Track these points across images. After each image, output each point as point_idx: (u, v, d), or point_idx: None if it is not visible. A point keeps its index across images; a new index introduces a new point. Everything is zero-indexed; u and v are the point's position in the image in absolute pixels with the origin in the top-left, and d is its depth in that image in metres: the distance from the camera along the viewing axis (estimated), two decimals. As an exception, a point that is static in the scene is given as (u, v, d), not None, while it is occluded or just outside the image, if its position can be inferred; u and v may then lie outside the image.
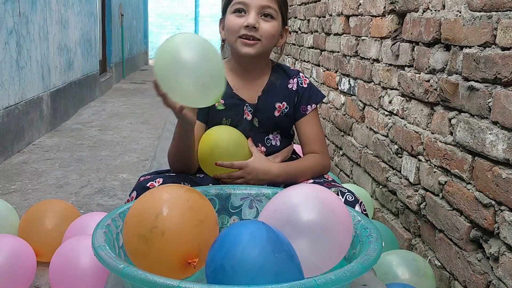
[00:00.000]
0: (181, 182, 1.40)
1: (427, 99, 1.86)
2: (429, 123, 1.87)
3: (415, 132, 1.97)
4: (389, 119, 2.24)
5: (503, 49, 1.41)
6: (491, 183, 1.46)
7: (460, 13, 1.65)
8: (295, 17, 4.18)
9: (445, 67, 1.75)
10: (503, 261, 1.41)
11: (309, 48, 3.72)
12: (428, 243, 1.88)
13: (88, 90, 5.98)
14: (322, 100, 1.62)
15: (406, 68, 2.07)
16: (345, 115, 2.90)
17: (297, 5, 4.10)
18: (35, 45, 4.15)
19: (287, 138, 1.61)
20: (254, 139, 1.53)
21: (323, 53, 3.37)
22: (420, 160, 1.93)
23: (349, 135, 2.83)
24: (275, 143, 1.57)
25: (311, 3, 3.67)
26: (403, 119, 2.10)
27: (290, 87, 1.57)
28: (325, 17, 3.29)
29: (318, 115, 1.60)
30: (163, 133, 2.87)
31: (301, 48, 3.98)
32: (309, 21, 3.73)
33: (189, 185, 1.39)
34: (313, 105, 1.57)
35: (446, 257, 1.73)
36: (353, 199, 1.37)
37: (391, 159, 2.21)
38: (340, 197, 1.36)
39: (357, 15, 2.67)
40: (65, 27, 5.08)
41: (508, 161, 1.39)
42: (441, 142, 1.77)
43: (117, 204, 2.74)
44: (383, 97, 2.31)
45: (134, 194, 1.40)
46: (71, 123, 4.90)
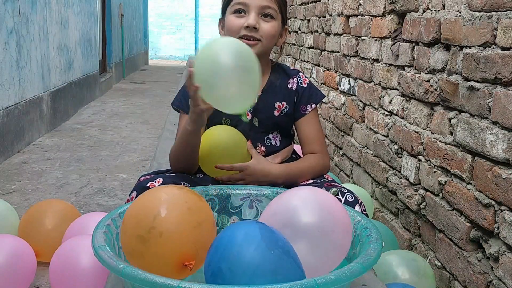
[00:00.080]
0: (181, 182, 1.40)
1: (427, 99, 1.86)
2: (429, 123, 1.87)
3: (415, 132, 1.97)
4: (389, 119, 2.24)
5: (503, 49, 1.41)
6: (491, 183, 1.46)
7: (460, 13, 1.65)
8: (295, 17, 4.18)
9: (445, 67, 1.75)
10: (503, 261, 1.41)
11: (309, 48, 3.72)
12: (428, 243, 1.88)
13: (88, 90, 5.98)
14: (322, 99, 1.62)
15: (406, 68, 2.07)
16: (345, 115, 2.90)
17: (297, 5, 4.10)
18: (35, 45, 4.15)
19: (287, 138, 1.61)
20: (253, 139, 1.53)
21: (323, 53, 3.37)
22: (420, 160, 1.93)
23: (349, 135, 2.83)
24: (275, 143, 1.57)
25: (311, 3, 3.67)
26: (403, 119, 2.10)
27: (290, 86, 1.57)
28: (325, 17, 3.29)
29: (318, 115, 1.60)
30: (163, 133, 2.87)
31: (301, 48, 3.98)
32: (309, 21, 3.73)
33: (189, 185, 1.39)
34: (313, 105, 1.57)
35: (446, 257, 1.73)
36: (353, 199, 1.37)
37: (391, 159, 2.21)
38: (340, 197, 1.36)
39: (357, 15, 2.67)
40: (65, 27, 5.08)
41: (508, 161, 1.39)
42: (441, 142, 1.77)
43: (117, 204, 2.74)
44: (383, 97, 2.31)
45: (134, 194, 1.40)
46: (71, 123, 4.90)
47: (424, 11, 1.91)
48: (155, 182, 1.39)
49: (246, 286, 0.84)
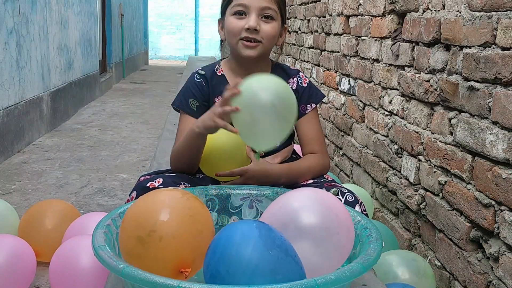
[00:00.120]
0: (181, 182, 1.40)
1: (427, 99, 1.86)
2: (429, 123, 1.87)
3: (415, 132, 1.97)
4: (389, 119, 2.24)
5: (503, 49, 1.41)
6: (491, 183, 1.46)
7: (460, 13, 1.65)
8: (295, 17, 4.18)
9: (445, 67, 1.75)
10: (503, 261, 1.41)
11: (309, 48, 3.72)
12: (428, 243, 1.88)
13: (88, 90, 5.98)
14: (322, 99, 1.62)
15: (406, 68, 2.07)
16: (345, 115, 2.90)
17: (297, 5, 4.10)
18: (35, 45, 4.15)
19: (288, 138, 1.61)
20: (254, 139, 1.53)
21: (323, 53, 3.37)
22: (420, 160, 1.93)
23: (349, 135, 2.83)
24: (275, 143, 1.57)
25: (311, 3, 3.67)
26: (403, 119, 2.10)
27: (290, 86, 1.57)
28: (325, 17, 3.29)
29: (317, 114, 1.60)
30: (163, 133, 2.87)
31: (301, 48, 3.98)
32: (309, 21, 3.73)
33: (189, 185, 1.39)
34: (313, 105, 1.57)
35: (446, 257, 1.73)
36: (353, 199, 1.37)
37: (391, 159, 2.21)
38: (340, 197, 1.36)
39: (357, 15, 2.67)
40: (65, 27, 5.08)
41: (508, 161, 1.39)
42: (441, 142, 1.77)
43: (117, 204, 2.74)
44: (383, 97, 2.31)
45: (134, 194, 1.40)
46: (71, 123, 4.90)
47: (424, 11, 1.91)
48: (155, 182, 1.39)
49: (246, 286, 0.84)
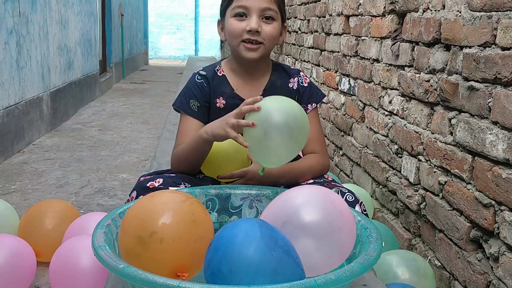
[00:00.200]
0: (182, 182, 1.40)
1: (427, 99, 1.86)
2: (429, 123, 1.87)
3: (415, 132, 1.97)
4: (389, 119, 2.24)
5: (503, 49, 1.41)
6: (491, 183, 1.46)
7: (460, 13, 1.65)
8: (295, 17, 4.18)
9: (445, 67, 1.75)
10: (503, 261, 1.41)
11: (309, 48, 3.72)
12: (428, 243, 1.88)
13: (88, 90, 5.98)
14: (322, 99, 1.62)
15: (406, 68, 2.07)
16: (345, 115, 2.90)
17: (297, 5, 4.10)
18: (35, 45, 4.15)
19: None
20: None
21: (323, 53, 3.37)
22: (420, 160, 1.93)
23: (349, 135, 2.83)
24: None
25: (311, 3, 3.67)
26: (403, 119, 2.10)
27: (291, 86, 1.57)
28: (325, 17, 3.29)
29: (318, 114, 1.60)
30: (163, 133, 2.87)
31: (301, 48, 3.98)
32: (309, 21, 3.73)
33: (189, 185, 1.39)
34: (314, 104, 1.57)
35: (446, 257, 1.73)
36: (353, 199, 1.37)
37: (391, 159, 2.21)
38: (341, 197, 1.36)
39: (357, 15, 2.67)
40: (65, 27, 5.08)
41: (508, 161, 1.39)
42: (441, 142, 1.77)
43: (117, 204, 2.74)
44: (383, 97, 2.31)
45: (134, 194, 1.40)
46: (71, 123, 4.90)
47: (424, 11, 1.91)
48: (155, 182, 1.39)
49: (246, 286, 0.84)
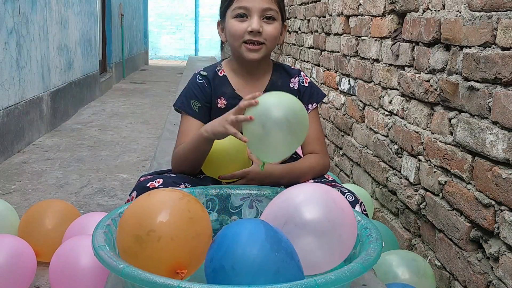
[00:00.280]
0: (182, 182, 1.40)
1: (427, 99, 1.86)
2: (429, 123, 1.87)
3: (415, 132, 1.97)
4: (389, 119, 2.24)
5: (503, 49, 1.41)
6: (491, 183, 1.46)
7: (460, 13, 1.65)
8: (295, 17, 4.18)
9: (445, 67, 1.75)
10: (503, 261, 1.41)
11: (309, 48, 3.72)
12: (428, 243, 1.88)
13: (88, 90, 5.98)
14: (323, 99, 1.62)
15: (406, 68, 2.07)
16: (345, 115, 2.90)
17: (297, 5, 4.10)
18: (35, 45, 4.15)
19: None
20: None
21: (323, 53, 3.37)
22: (420, 160, 1.93)
23: (349, 135, 2.83)
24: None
25: (311, 3, 3.67)
26: (403, 119, 2.10)
27: (291, 86, 1.57)
28: (325, 17, 3.29)
29: (318, 114, 1.60)
30: (163, 133, 2.87)
31: (301, 48, 3.98)
32: (309, 21, 3.73)
33: (189, 186, 1.39)
34: (314, 104, 1.57)
35: (446, 257, 1.73)
36: (353, 199, 1.37)
37: (391, 159, 2.21)
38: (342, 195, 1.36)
39: (357, 15, 2.67)
40: (65, 27, 5.08)
41: (508, 161, 1.39)
42: (441, 142, 1.77)
43: (117, 204, 2.74)
44: (383, 97, 2.31)
45: (134, 194, 1.40)
46: (71, 123, 4.90)
47: (424, 11, 1.91)
48: (155, 182, 1.39)
49: (246, 286, 0.84)
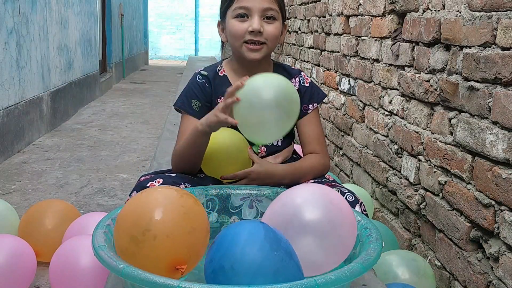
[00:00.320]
0: (182, 182, 1.40)
1: (427, 99, 1.86)
2: (429, 123, 1.87)
3: (415, 132, 1.97)
4: (389, 119, 2.24)
5: (503, 49, 1.41)
6: (491, 183, 1.46)
7: (460, 13, 1.65)
8: (295, 17, 4.18)
9: (445, 67, 1.75)
10: (503, 261, 1.41)
11: (309, 48, 3.72)
12: (428, 243, 1.88)
13: (88, 90, 5.98)
14: (323, 99, 1.62)
15: (406, 68, 2.07)
16: (345, 115, 2.90)
17: (297, 5, 4.10)
18: (35, 45, 4.15)
19: (289, 138, 1.61)
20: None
21: (323, 53, 3.37)
22: (420, 160, 1.93)
23: (349, 135, 2.83)
24: (277, 143, 1.57)
25: (311, 3, 3.67)
26: (403, 119, 2.10)
27: None
28: (325, 17, 3.29)
29: (319, 114, 1.60)
30: (163, 133, 2.87)
31: (301, 48, 3.98)
32: (309, 21, 3.73)
33: (190, 185, 1.39)
34: (315, 104, 1.57)
35: (446, 257, 1.73)
36: (353, 199, 1.37)
37: (391, 159, 2.21)
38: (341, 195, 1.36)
39: (357, 15, 2.67)
40: (65, 27, 5.08)
41: (508, 161, 1.39)
42: (441, 142, 1.77)
43: (117, 204, 2.74)
44: (383, 97, 2.31)
45: (134, 194, 1.40)
46: (71, 123, 4.90)
47: (424, 11, 1.91)
48: (155, 182, 1.39)
49: (246, 286, 0.84)
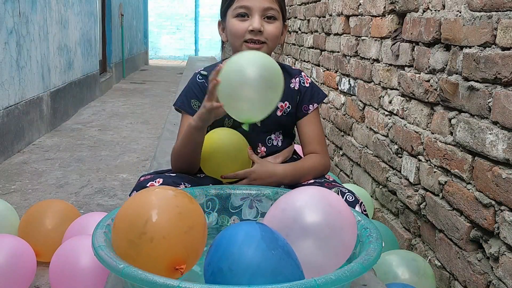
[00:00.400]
0: (182, 182, 1.40)
1: (427, 99, 1.86)
2: (429, 123, 1.87)
3: (415, 132, 1.97)
4: (389, 119, 2.24)
5: (503, 49, 1.41)
6: (491, 183, 1.46)
7: (460, 13, 1.65)
8: (295, 17, 4.18)
9: (445, 67, 1.75)
10: (503, 261, 1.41)
11: (309, 48, 3.72)
12: (428, 243, 1.88)
13: (88, 90, 5.98)
14: (323, 99, 1.62)
15: (406, 68, 2.07)
16: (345, 115, 2.90)
17: (297, 5, 4.10)
18: (35, 45, 4.15)
19: (289, 138, 1.61)
20: (255, 139, 1.53)
21: (323, 53, 3.37)
22: (420, 160, 1.93)
23: (349, 135, 2.83)
24: (277, 143, 1.57)
25: (311, 3, 3.67)
26: (403, 119, 2.10)
27: (292, 86, 1.57)
28: (325, 17, 3.29)
29: (319, 114, 1.60)
30: (163, 133, 2.87)
31: (301, 48, 3.98)
32: (309, 21, 3.73)
33: (189, 185, 1.39)
34: (315, 105, 1.57)
35: (446, 257, 1.73)
36: (353, 199, 1.37)
37: (391, 159, 2.21)
38: (340, 197, 1.36)
39: (357, 15, 2.67)
40: (65, 27, 5.08)
41: (508, 161, 1.39)
42: (441, 142, 1.77)
43: (117, 204, 2.74)
44: (383, 97, 2.31)
45: (134, 194, 1.40)
46: (71, 123, 4.90)
47: (424, 11, 1.91)
48: (155, 182, 1.39)
49: (246, 286, 0.84)
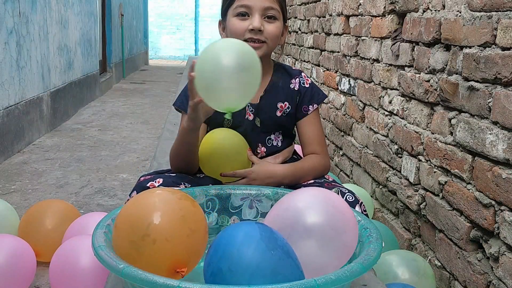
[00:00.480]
0: (182, 182, 1.40)
1: (427, 99, 1.86)
2: (429, 123, 1.87)
3: (415, 132, 1.97)
4: (389, 119, 2.24)
5: (503, 49, 1.41)
6: (491, 183, 1.46)
7: (460, 13, 1.65)
8: (295, 17, 4.18)
9: (445, 67, 1.75)
10: (503, 261, 1.41)
11: (309, 48, 3.72)
12: (428, 243, 1.88)
13: (88, 90, 5.98)
14: (324, 100, 1.62)
15: (406, 68, 2.07)
16: (345, 115, 2.90)
17: (297, 5, 4.10)
18: (35, 45, 4.15)
19: (289, 138, 1.61)
20: (255, 139, 1.53)
21: (323, 53, 3.37)
22: (420, 160, 1.93)
23: (349, 135, 2.83)
24: (277, 144, 1.57)
25: (311, 3, 3.67)
26: (403, 119, 2.10)
27: (292, 87, 1.57)
28: (325, 17, 3.29)
29: (319, 115, 1.60)
30: (163, 133, 2.87)
31: (301, 48, 3.98)
32: (309, 21, 3.73)
33: (189, 186, 1.39)
34: (315, 105, 1.57)
35: (446, 257, 1.73)
36: (353, 199, 1.37)
37: (391, 159, 2.21)
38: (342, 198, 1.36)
39: (357, 15, 2.67)
40: (65, 27, 5.08)
41: (508, 161, 1.39)
42: (441, 142, 1.77)
43: (117, 204, 2.74)
44: (383, 97, 2.31)
45: (134, 194, 1.40)
46: (71, 123, 4.90)
47: (424, 11, 1.91)
48: (155, 182, 1.39)
49: (246, 286, 0.84)
